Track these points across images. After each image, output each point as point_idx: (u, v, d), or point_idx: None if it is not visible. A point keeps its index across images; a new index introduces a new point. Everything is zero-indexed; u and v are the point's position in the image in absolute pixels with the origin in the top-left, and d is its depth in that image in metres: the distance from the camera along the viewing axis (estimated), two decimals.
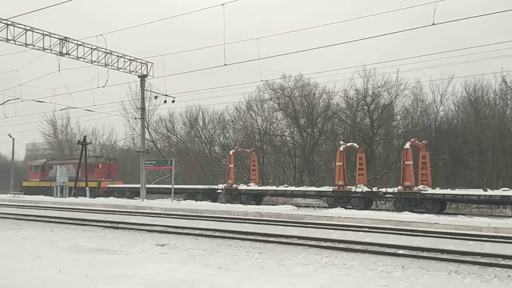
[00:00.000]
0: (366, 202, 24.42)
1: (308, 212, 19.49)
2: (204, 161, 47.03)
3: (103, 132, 59.38)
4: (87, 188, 35.89)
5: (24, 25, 23.64)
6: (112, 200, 30.16)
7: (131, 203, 26.52)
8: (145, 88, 31.39)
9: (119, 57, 28.65)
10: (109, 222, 16.73)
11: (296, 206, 22.52)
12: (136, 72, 30.34)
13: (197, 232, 14.09)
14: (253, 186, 30.19)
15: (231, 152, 32.54)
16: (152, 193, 35.23)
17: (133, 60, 29.80)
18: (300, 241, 12.06)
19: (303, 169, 40.44)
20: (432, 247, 11.06)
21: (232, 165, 31.33)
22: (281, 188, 28.86)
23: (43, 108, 63.51)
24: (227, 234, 13.47)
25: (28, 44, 24.04)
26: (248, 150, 34.72)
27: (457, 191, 22.49)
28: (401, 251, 10.54)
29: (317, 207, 21.74)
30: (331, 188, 25.79)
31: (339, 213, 19.08)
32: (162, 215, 19.85)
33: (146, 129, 37.95)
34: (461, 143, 34.82)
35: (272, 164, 44.00)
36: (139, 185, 31.27)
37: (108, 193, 37.06)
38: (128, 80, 41.82)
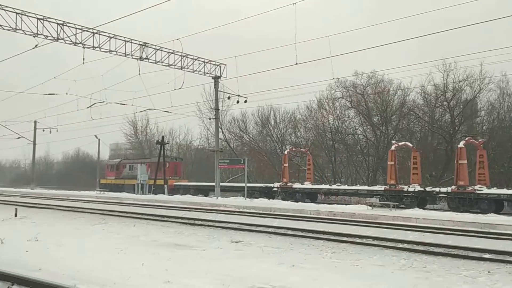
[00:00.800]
0: (419, 201, 23.82)
1: (383, 212, 18.91)
2: (276, 160, 47.28)
3: (180, 132, 61.96)
4: (165, 186, 37.66)
5: (108, 33, 25.32)
6: (188, 198, 31.32)
7: (206, 201, 27.36)
8: (219, 89, 32.25)
9: (194, 60, 29.69)
10: (186, 219, 17.39)
11: (370, 205, 21.93)
12: (210, 73, 31.25)
13: (270, 230, 14.21)
14: (307, 185, 30.53)
15: (285, 152, 33.28)
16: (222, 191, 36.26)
17: (207, 62, 30.73)
18: (375, 242, 11.73)
19: (376, 168, 39.26)
20: None
21: (286, 164, 32.02)
22: (334, 187, 29.30)
23: (125, 110, 67.52)
24: (300, 233, 13.45)
25: (112, 51, 25.70)
26: (303, 150, 35.19)
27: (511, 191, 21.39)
28: (486, 255, 9.88)
29: (393, 207, 21.00)
30: (383, 187, 25.66)
31: (416, 213, 18.29)
32: (236, 213, 20.26)
33: (219, 129, 38.91)
34: None
35: (344, 163, 43.22)
36: (202, 183, 32.36)
37: (174, 190, 38.88)
38: (203, 82, 43.27)
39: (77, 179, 63.52)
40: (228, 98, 33.21)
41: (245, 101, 31.58)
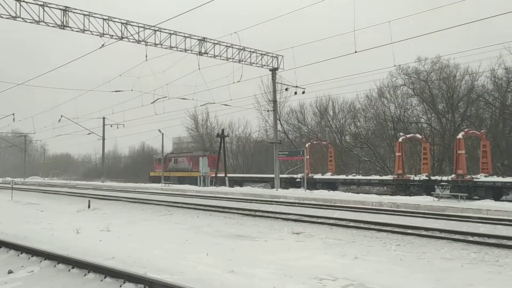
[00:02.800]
0: (425, 189, 25.00)
1: (450, 204, 18.10)
2: (335, 151, 46.66)
3: (239, 125, 62.77)
4: (226, 178, 38.40)
5: (169, 30, 26.08)
6: (248, 190, 31.75)
7: (267, 192, 27.57)
8: (276, 81, 32.24)
9: (251, 53, 29.87)
10: (247, 210, 17.66)
11: (436, 197, 21.07)
12: (268, 66, 31.32)
13: (331, 221, 14.09)
14: (326, 176, 32.45)
15: (307, 145, 34.91)
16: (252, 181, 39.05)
17: (264, 54, 30.81)
18: (443, 235, 11.28)
19: (442, 157, 37.55)
20: None
21: (308, 156, 33.31)
22: (350, 177, 31.31)
23: (186, 104, 69.34)
24: (362, 225, 13.22)
25: (172, 47, 26.47)
26: (324, 143, 37.05)
27: (507, 179, 22.74)
28: None
29: (461, 198, 20.04)
30: (391, 177, 27.52)
31: (487, 205, 17.33)
32: (296, 204, 20.25)
33: (278, 121, 38.95)
34: None
35: (407, 153, 41.68)
36: (236, 175, 35.73)
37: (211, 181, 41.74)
38: (260, 74, 43.51)
39: (143, 172, 66.21)
40: (286, 89, 33.11)
41: (303, 92, 31.35)
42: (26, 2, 21.57)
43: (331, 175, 32.74)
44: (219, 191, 29.92)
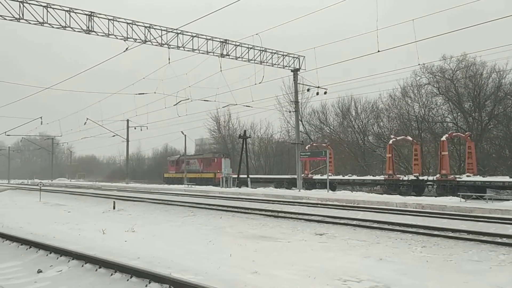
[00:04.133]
0: (414, 188, 26.96)
1: (478, 205, 17.68)
2: (358, 151, 46.23)
3: (261, 126, 62.77)
4: (248, 179, 38.49)
5: (191, 33, 26.33)
6: (270, 191, 31.73)
7: (289, 193, 27.49)
8: (298, 82, 32.15)
9: (273, 54, 29.88)
10: (270, 211, 17.65)
11: (463, 198, 20.62)
12: (289, 66, 31.27)
13: (354, 222, 13.96)
14: (324, 176, 33.09)
15: (306, 147, 37.09)
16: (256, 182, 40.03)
17: (285, 55, 30.77)
18: (470, 236, 11.03)
19: (469, 157, 36.69)
20: None
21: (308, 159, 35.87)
22: (345, 177, 33.41)
23: (208, 106, 69.88)
24: (386, 226, 13.05)
25: (195, 49, 26.71)
26: (324, 144, 38.68)
27: (487, 178, 24.94)
28: None
29: (489, 199, 19.56)
30: (382, 177, 29.56)
31: None
32: (319, 205, 20.13)
33: (300, 122, 38.85)
34: None
35: (432, 153, 40.94)
36: (245, 176, 36.96)
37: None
38: (282, 75, 43.46)
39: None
40: (308, 90, 32.99)
41: (325, 93, 31.17)
42: (53, 8, 22.10)
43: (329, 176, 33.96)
44: (241, 192, 30.00)
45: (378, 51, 22.95)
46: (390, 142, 30.06)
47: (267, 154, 58.94)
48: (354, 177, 33.32)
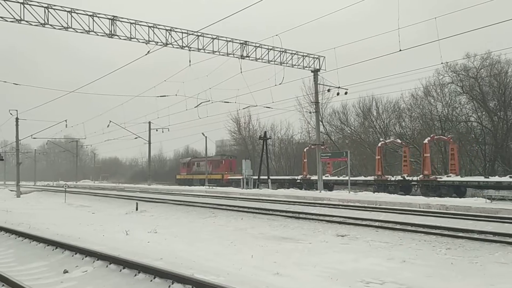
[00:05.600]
0: (401, 188, 28.77)
1: (504, 206, 17.27)
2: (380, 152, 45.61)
3: (281, 127, 62.62)
4: (269, 180, 38.49)
5: (211, 35, 26.52)
6: (291, 192, 31.66)
7: (310, 194, 27.38)
8: (318, 82, 31.99)
9: (293, 54, 29.81)
10: (291, 212, 17.60)
11: (488, 199, 20.18)
12: (309, 67, 31.14)
13: (376, 224, 13.80)
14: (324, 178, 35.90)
15: (305, 150, 39.63)
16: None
17: (305, 56, 30.66)
18: (496, 238, 10.77)
19: (495, 157, 35.92)
20: None
21: (306, 160, 38.84)
22: (340, 178, 35.38)
23: (228, 107, 70.15)
24: (409, 227, 12.86)
25: (215, 51, 26.87)
26: (322, 147, 39.84)
27: (464, 178, 27.16)
28: None
29: None
30: (372, 178, 31.81)
31: None
32: (340, 206, 19.99)
33: (320, 122, 38.64)
34: None
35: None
36: (250, 176, 38.27)
37: (229, 183, 46.34)
38: (302, 76, 43.34)
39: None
40: (328, 90, 32.74)
41: (346, 93, 30.89)
42: (76, 13, 22.56)
43: (326, 176, 36.23)
44: (262, 193, 30.00)
45: (400, 50, 22.68)
46: (379, 144, 32.19)
47: (288, 155, 58.78)
48: (346, 178, 34.54)
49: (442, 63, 26.22)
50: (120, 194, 34.88)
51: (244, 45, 27.77)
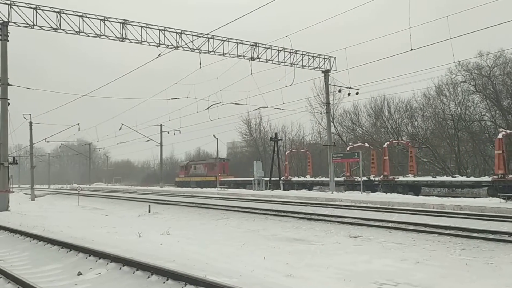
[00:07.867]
0: (366, 188, 29.96)
1: None
2: (391, 152, 45.30)
3: (292, 128, 62.59)
4: (281, 182, 38.45)
5: (221, 37, 26.63)
6: (303, 193, 31.57)
7: (322, 196, 27.29)
8: (329, 83, 31.92)
9: (303, 55, 29.80)
10: (303, 214, 17.53)
11: (503, 198, 19.91)
12: (320, 68, 31.09)
13: (389, 224, 13.70)
14: (301, 178, 39.61)
15: (286, 153, 43.30)
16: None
17: (316, 56, 30.62)
18: (511, 238, 10.64)
19: (509, 157, 35.37)
20: None
21: (287, 163, 42.57)
22: (317, 179, 38.40)
23: (239, 109, 70.31)
24: (423, 228, 12.73)
25: (225, 53, 26.98)
26: (302, 151, 43.85)
27: (417, 178, 29.99)
28: None
29: None
30: (342, 179, 34.33)
31: None
32: (352, 207, 19.87)
33: (331, 123, 38.50)
34: None
35: (469, 152, 39.74)
36: (240, 178, 41.56)
37: (221, 184, 48.36)
38: (312, 77, 43.20)
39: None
40: (339, 91, 32.66)
41: (357, 93, 30.79)
42: (88, 18, 22.80)
43: (305, 177, 39.79)
44: (273, 195, 29.98)
45: (411, 49, 22.53)
46: (348, 148, 35.02)
47: (299, 156, 58.67)
48: (323, 178, 37.63)
49: (454, 61, 25.92)
50: (132, 196, 35.12)
51: (254, 46, 27.84)
